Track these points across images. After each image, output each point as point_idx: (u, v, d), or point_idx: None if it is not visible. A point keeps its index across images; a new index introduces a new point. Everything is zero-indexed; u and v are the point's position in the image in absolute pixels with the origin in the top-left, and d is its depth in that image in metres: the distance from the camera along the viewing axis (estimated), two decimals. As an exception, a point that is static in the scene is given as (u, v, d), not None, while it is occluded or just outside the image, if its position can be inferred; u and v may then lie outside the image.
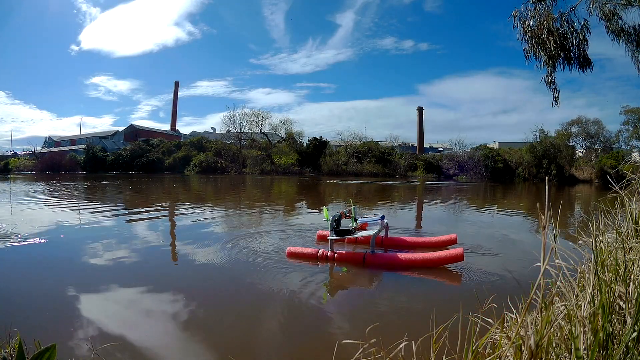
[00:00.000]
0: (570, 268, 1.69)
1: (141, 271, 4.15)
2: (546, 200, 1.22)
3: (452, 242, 5.40)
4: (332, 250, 4.67)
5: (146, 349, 2.44)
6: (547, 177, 1.50)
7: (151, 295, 3.43)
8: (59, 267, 4.38)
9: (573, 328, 1.20)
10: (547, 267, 1.17)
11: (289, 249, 4.84)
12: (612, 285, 1.40)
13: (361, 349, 1.41)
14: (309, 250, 4.77)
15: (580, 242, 2.01)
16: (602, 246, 1.78)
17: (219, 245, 5.47)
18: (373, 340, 1.38)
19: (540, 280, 1.18)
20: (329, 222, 4.72)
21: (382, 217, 5.26)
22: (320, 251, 4.67)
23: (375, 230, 4.86)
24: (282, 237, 6.01)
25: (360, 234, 4.76)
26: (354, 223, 4.83)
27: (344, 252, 4.75)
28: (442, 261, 4.46)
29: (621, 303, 1.39)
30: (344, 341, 1.76)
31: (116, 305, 3.21)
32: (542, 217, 1.14)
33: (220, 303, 3.47)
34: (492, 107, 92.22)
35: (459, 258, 4.40)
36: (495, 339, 1.37)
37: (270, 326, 2.97)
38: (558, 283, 1.55)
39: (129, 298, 3.38)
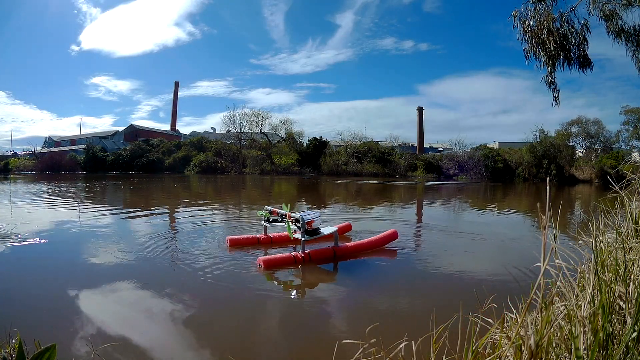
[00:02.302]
0: (570, 268, 1.69)
1: (141, 271, 4.15)
2: (546, 200, 1.22)
3: (348, 229, 6.45)
4: (303, 251, 4.64)
5: (146, 349, 2.44)
6: (547, 177, 1.50)
7: (151, 295, 3.43)
8: (59, 267, 4.38)
9: (573, 328, 1.20)
10: (547, 267, 1.17)
11: (263, 260, 4.37)
12: (612, 286, 1.40)
13: (361, 349, 1.41)
14: (285, 255, 4.62)
15: (580, 242, 2.01)
16: (602, 246, 1.78)
17: (219, 245, 5.47)
18: (373, 340, 1.38)
19: (540, 280, 1.18)
20: (300, 223, 4.67)
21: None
22: (294, 254, 4.63)
23: (334, 226, 5.25)
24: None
25: (326, 232, 4.94)
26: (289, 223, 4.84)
27: (313, 250, 4.77)
28: (384, 241, 5.42)
29: (621, 303, 1.39)
30: (344, 341, 1.76)
31: (116, 305, 3.21)
32: (543, 217, 1.14)
33: (220, 303, 3.47)
34: (492, 107, 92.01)
35: (394, 236, 5.52)
36: (495, 339, 1.37)
37: (270, 326, 2.97)
38: (558, 283, 1.55)
39: (128, 298, 3.38)
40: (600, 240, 1.84)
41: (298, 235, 4.72)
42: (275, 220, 5.25)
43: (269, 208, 5.38)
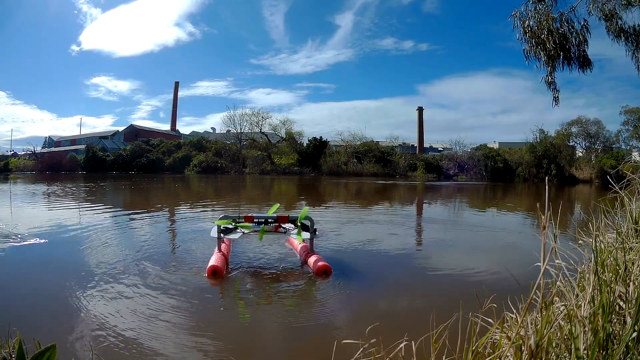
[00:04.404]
0: (570, 268, 1.69)
1: (141, 271, 4.15)
2: (546, 200, 1.22)
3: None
4: (312, 250, 4.51)
5: (146, 349, 2.44)
6: (547, 177, 1.50)
7: (151, 295, 3.43)
8: (59, 267, 4.37)
9: (573, 328, 1.20)
10: (547, 266, 1.17)
11: (328, 267, 4.07)
12: (612, 286, 1.40)
13: (361, 349, 1.41)
14: (322, 258, 4.35)
15: (580, 242, 2.01)
16: (602, 246, 1.78)
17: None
18: (373, 340, 1.38)
19: (540, 280, 1.18)
20: (308, 227, 4.47)
21: None
22: (319, 255, 4.44)
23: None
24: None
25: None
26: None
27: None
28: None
29: (621, 303, 1.39)
30: (344, 341, 1.76)
31: (116, 305, 3.21)
32: (542, 217, 1.14)
33: (220, 303, 3.47)
34: (492, 107, 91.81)
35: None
36: (496, 339, 1.37)
37: (270, 326, 2.97)
38: (558, 283, 1.55)
39: (129, 298, 3.37)
40: (600, 240, 1.84)
41: (307, 235, 4.48)
42: (230, 231, 4.55)
43: (231, 216, 4.65)
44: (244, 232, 4.55)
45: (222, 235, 4.44)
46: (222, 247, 4.48)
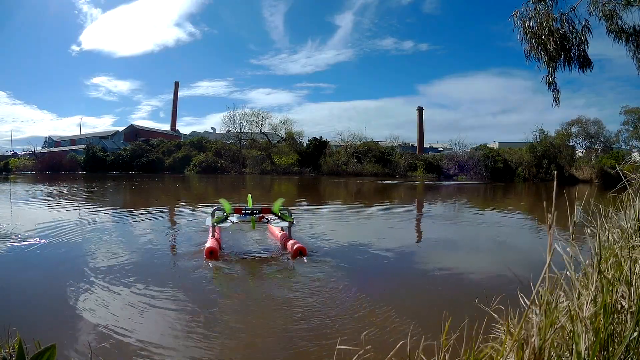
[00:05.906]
0: (573, 267, 1.68)
1: (141, 271, 4.15)
2: (553, 199, 1.21)
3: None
4: (290, 237, 5.05)
5: (146, 349, 2.43)
6: (555, 173, 1.49)
7: (151, 296, 3.42)
8: (59, 267, 4.37)
9: (575, 329, 1.19)
10: (550, 266, 1.17)
11: (300, 247, 4.67)
12: (615, 285, 1.40)
13: (362, 350, 1.40)
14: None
15: (582, 241, 2.00)
16: (605, 245, 1.78)
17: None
18: (369, 347, 1.38)
19: (544, 277, 1.18)
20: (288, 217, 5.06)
21: None
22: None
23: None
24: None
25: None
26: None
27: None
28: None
29: (623, 302, 1.38)
30: (341, 346, 1.75)
31: (116, 305, 3.20)
32: (548, 215, 1.14)
33: (220, 304, 3.46)
34: (492, 107, 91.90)
35: None
36: (500, 339, 1.36)
37: (270, 327, 2.96)
38: (561, 282, 1.55)
39: (129, 298, 3.37)
40: (603, 239, 1.83)
41: (285, 224, 5.10)
42: (223, 220, 5.11)
43: (223, 205, 5.22)
44: (233, 222, 5.13)
45: (214, 223, 5.08)
46: (215, 234, 5.15)
